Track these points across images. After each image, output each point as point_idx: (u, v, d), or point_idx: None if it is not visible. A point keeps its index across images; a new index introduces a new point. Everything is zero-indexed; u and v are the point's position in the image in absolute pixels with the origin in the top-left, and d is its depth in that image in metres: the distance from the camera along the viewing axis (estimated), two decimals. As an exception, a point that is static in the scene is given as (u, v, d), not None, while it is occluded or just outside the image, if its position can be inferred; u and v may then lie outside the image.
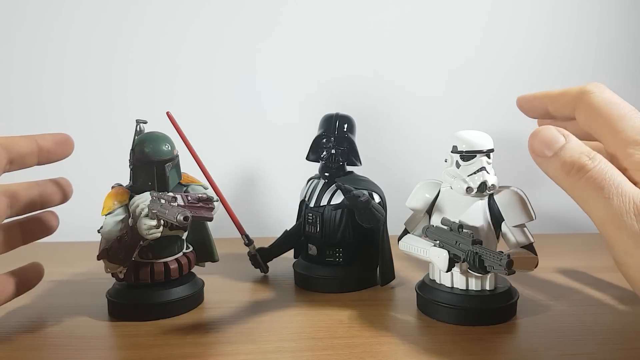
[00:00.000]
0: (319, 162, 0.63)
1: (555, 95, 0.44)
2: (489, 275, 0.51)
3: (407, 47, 0.89)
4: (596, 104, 0.40)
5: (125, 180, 0.56)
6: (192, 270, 0.58)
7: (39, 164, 0.52)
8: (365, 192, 0.56)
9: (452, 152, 0.51)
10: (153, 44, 0.87)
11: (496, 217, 0.51)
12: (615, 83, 0.47)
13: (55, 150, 0.53)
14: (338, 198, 0.59)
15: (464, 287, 0.51)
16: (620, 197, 0.36)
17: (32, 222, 0.54)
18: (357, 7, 0.88)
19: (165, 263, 0.54)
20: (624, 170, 0.38)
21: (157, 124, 0.56)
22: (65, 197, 0.57)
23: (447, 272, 0.50)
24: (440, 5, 0.89)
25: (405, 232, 0.56)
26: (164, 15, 0.87)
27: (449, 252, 0.48)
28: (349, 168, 0.63)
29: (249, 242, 0.66)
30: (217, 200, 0.57)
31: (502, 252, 0.44)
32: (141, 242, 0.51)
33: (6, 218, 0.50)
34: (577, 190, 0.38)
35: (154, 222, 0.49)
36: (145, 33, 0.87)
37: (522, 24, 0.90)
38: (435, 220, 0.52)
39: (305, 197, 0.63)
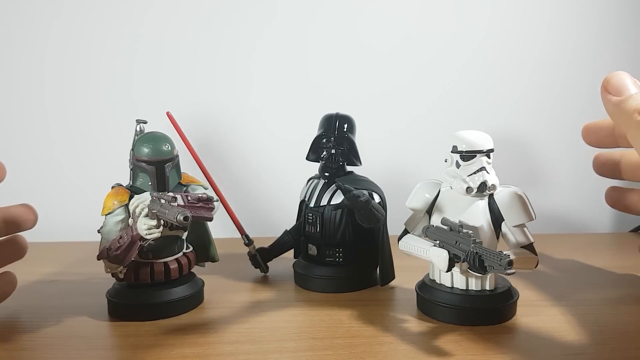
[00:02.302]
0: (319, 162, 0.63)
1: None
2: (489, 275, 0.51)
3: (408, 48, 0.89)
4: None
5: (125, 180, 0.56)
6: (192, 270, 0.58)
7: None
8: (365, 192, 0.56)
9: (452, 152, 0.51)
10: (153, 44, 0.87)
11: (496, 217, 0.51)
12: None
13: None
14: (338, 198, 0.59)
15: (464, 287, 0.51)
16: None
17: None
18: (359, 6, 0.88)
19: (165, 263, 0.54)
20: None
21: (157, 124, 0.56)
22: (32, 222, 0.55)
23: (447, 272, 0.50)
24: (442, 6, 0.89)
25: (405, 232, 0.56)
26: (164, 16, 0.87)
27: (449, 252, 0.48)
28: (349, 168, 0.63)
29: (249, 242, 0.66)
30: (217, 200, 0.57)
31: (502, 252, 0.44)
32: (141, 242, 0.51)
33: None
34: None
35: (154, 222, 0.49)
36: (145, 34, 0.87)
37: (523, 24, 0.90)
38: (435, 220, 0.52)
39: (305, 197, 0.63)
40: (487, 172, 0.50)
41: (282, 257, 0.67)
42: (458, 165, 0.51)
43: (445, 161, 0.52)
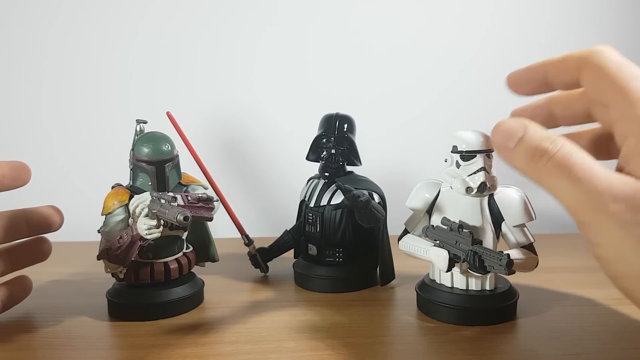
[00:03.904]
0: (319, 162, 0.63)
1: (557, 60, 0.42)
2: (489, 275, 0.51)
3: (409, 48, 0.89)
4: (605, 63, 0.37)
5: (125, 180, 0.56)
6: (192, 270, 0.58)
7: None
8: (365, 192, 0.56)
9: (452, 152, 0.51)
10: (153, 44, 0.87)
11: (496, 217, 0.51)
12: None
13: (11, 175, 0.51)
14: (338, 198, 0.59)
15: (464, 287, 0.51)
16: (591, 179, 0.33)
17: (21, 248, 0.54)
18: (361, 6, 0.88)
19: (165, 263, 0.54)
20: (628, 135, 0.35)
21: (157, 124, 0.56)
22: (58, 224, 0.56)
23: (447, 272, 0.50)
24: (444, 7, 0.89)
25: (405, 232, 0.56)
26: (163, 15, 0.87)
27: (449, 252, 0.48)
28: (349, 168, 0.63)
29: (249, 242, 0.66)
30: (217, 200, 0.57)
31: (502, 252, 0.44)
32: (141, 242, 0.51)
33: None
34: (545, 177, 0.36)
35: (154, 222, 0.49)
36: (145, 33, 0.87)
37: (523, 26, 0.90)
38: (435, 220, 0.52)
39: (305, 197, 0.63)
40: (487, 172, 0.50)
41: (282, 257, 0.67)
42: (458, 165, 0.51)
43: (445, 161, 0.52)
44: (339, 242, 0.60)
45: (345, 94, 0.88)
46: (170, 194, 0.49)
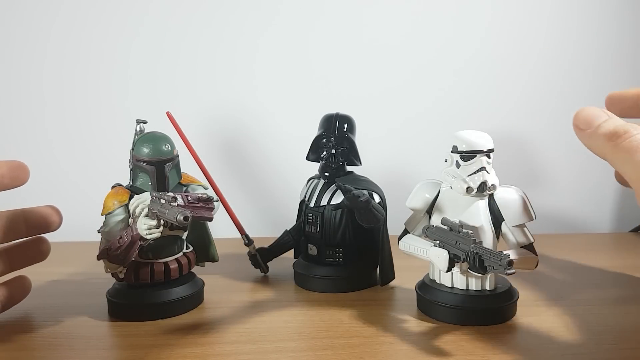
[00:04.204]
0: (319, 162, 0.63)
1: None
2: (489, 275, 0.51)
3: (409, 47, 0.89)
4: None
5: (125, 180, 0.56)
6: (192, 270, 0.58)
7: None
8: (365, 192, 0.56)
9: (452, 152, 0.51)
10: (153, 44, 0.87)
11: (496, 217, 0.51)
12: (615, 84, 0.48)
13: (10, 175, 0.51)
14: (338, 198, 0.59)
15: (464, 287, 0.51)
16: None
17: (19, 248, 0.54)
18: (361, 5, 0.88)
19: (165, 263, 0.54)
20: None
21: (157, 124, 0.56)
22: (57, 224, 0.56)
23: (447, 272, 0.50)
24: (443, 6, 0.89)
25: (405, 232, 0.56)
26: (163, 15, 0.87)
27: (449, 252, 0.48)
28: (349, 168, 0.63)
29: (249, 242, 0.66)
30: (217, 200, 0.57)
31: (502, 252, 0.44)
32: (141, 242, 0.51)
33: None
34: (618, 152, 0.41)
35: (154, 222, 0.49)
36: (145, 33, 0.87)
37: (523, 25, 0.90)
38: (435, 220, 0.52)
39: (305, 197, 0.63)
40: (487, 172, 0.50)
41: (282, 257, 0.67)
42: (458, 165, 0.51)
43: (445, 161, 0.52)
44: (339, 242, 0.60)
45: (345, 93, 0.88)
46: (170, 194, 0.49)
